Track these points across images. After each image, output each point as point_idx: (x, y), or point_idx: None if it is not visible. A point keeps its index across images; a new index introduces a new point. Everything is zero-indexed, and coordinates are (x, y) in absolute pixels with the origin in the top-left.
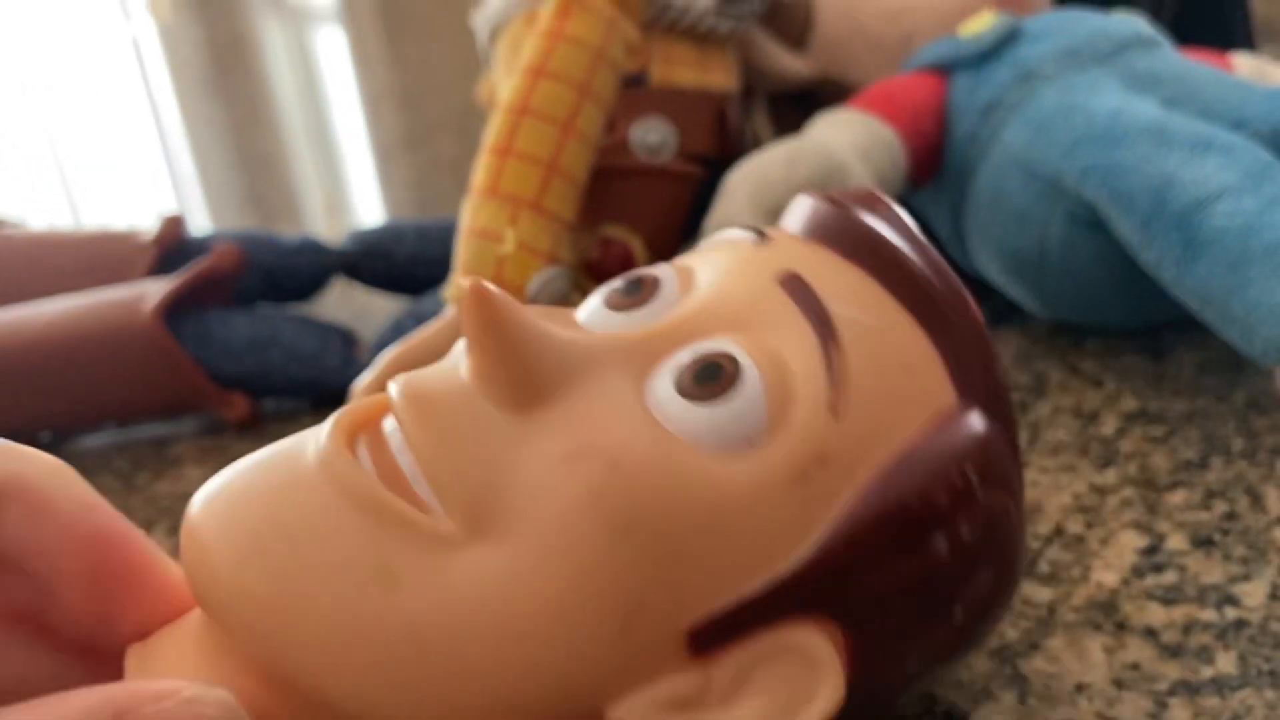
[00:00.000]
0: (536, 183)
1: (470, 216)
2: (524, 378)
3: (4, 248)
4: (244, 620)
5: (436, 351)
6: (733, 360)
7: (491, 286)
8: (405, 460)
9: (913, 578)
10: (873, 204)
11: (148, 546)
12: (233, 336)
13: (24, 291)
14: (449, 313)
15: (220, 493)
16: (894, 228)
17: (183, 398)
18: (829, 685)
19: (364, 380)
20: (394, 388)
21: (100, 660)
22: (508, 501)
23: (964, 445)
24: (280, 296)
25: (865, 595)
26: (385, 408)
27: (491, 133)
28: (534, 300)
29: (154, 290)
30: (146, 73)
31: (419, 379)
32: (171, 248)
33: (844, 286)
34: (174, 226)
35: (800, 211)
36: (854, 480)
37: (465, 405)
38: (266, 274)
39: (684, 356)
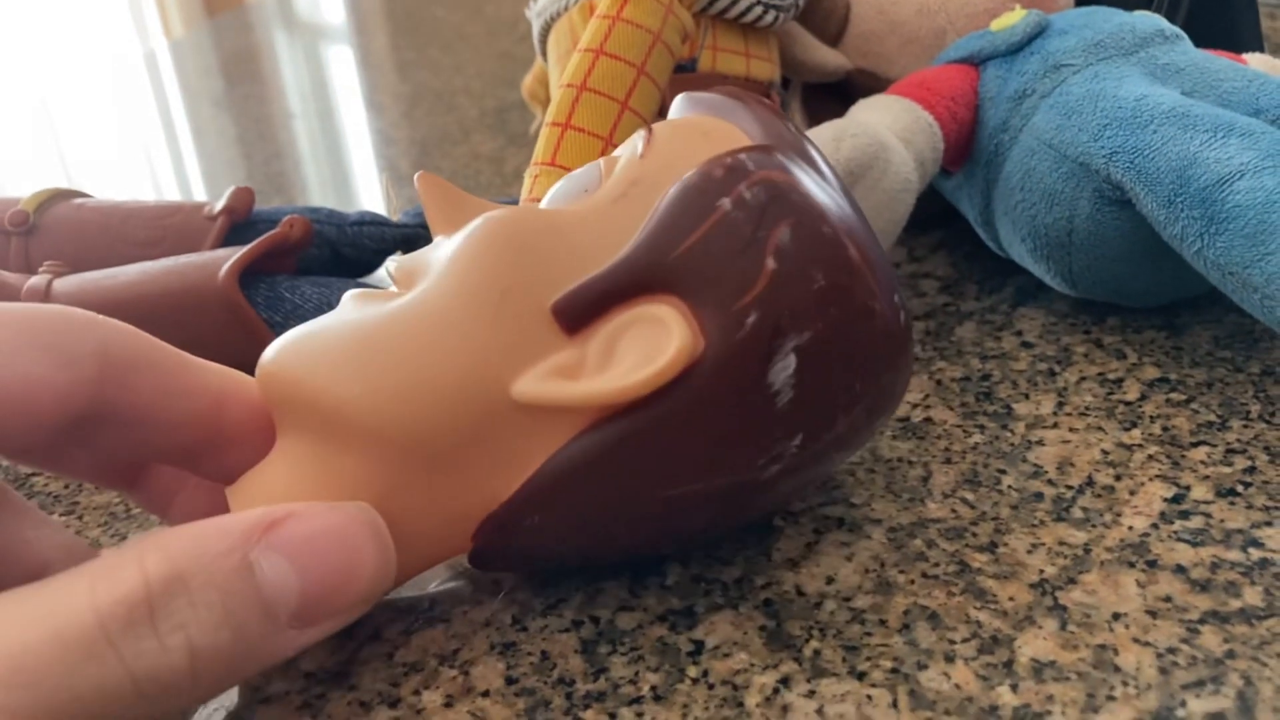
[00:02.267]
0: (594, 156)
1: (530, 186)
2: (447, 206)
3: (76, 216)
4: (294, 381)
5: None
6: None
7: (433, 175)
8: None
9: (714, 233)
10: (737, 93)
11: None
12: (301, 301)
13: (97, 259)
14: None
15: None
16: (746, 101)
17: (254, 357)
18: (678, 335)
19: None
20: (391, 262)
21: None
22: (430, 266)
23: (741, 151)
24: (341, 269)
25: (686, 263)
26: None
27: (552, 108)
28: None
29: (229, 255)
30: (161, 86)
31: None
32: (240, 219)
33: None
34: (244, 198)
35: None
36: (660, 192)
37: (426, 250)
38: (330, 246)
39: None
